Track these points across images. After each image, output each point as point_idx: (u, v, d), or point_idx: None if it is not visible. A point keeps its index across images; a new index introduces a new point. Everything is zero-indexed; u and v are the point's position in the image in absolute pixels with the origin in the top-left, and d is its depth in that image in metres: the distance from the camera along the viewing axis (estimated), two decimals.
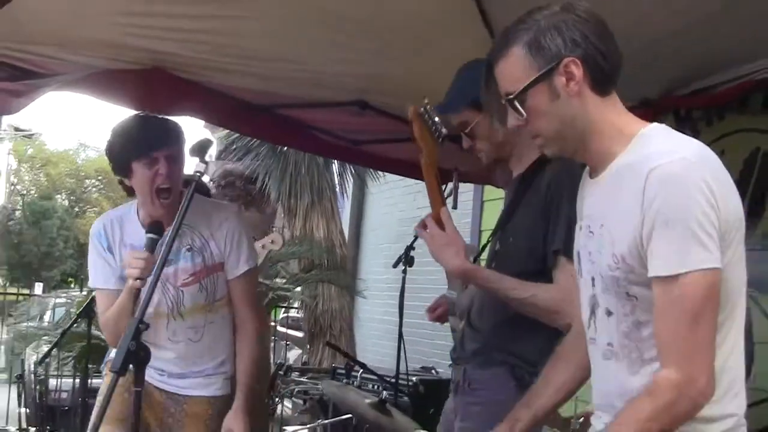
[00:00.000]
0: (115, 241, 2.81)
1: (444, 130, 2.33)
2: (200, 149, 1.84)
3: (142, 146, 2.66)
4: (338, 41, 3.14)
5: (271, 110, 3.81)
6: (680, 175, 1.49)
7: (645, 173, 1.51)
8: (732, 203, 1.54)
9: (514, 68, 1.64)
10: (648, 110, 3.59)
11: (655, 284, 1.51)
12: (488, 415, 2.04)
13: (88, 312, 4.03)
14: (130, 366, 1.76)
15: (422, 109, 2.32)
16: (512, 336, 2.37)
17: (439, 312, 2.85)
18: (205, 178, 7.95)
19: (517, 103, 1.64)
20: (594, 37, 1.62)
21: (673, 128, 4.27)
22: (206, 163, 1.84)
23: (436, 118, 2.32)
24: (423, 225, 2.37)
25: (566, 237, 2.24)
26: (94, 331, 5.14)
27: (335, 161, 7.76)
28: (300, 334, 10.49)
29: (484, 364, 2.43)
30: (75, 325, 4.40)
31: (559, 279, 2.28)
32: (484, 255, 2.78)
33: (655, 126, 1.66)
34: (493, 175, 3.00)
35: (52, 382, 8.56)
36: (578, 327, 1.87)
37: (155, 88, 3.34)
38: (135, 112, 3.04)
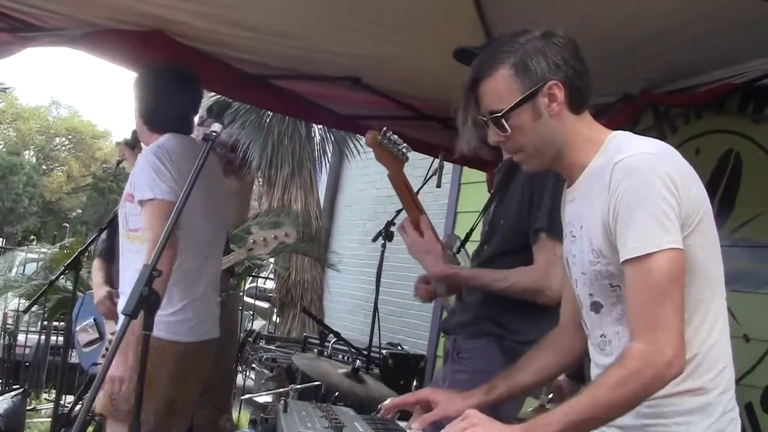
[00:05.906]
0: None
1: (408, 154, 2.50)
2: (219, 112, 1.95)
3: None
4: (335, 20, 3.21)
5: (266, 80, 3.87)
6: (641, 166, 1.63)
7: (611, 168, 1.65)
8: (693, 190, 1.67)
9: (500, 88, 1.75)
10: (630, 104, 3.70)
11: (625, 267, 1.64)
12: (474, 383, 2.13)
13: (76, 265, 4.04)
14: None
15: (380, 136, 2.45)
16: (500, 309, 2.49)
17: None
18: None
19: (503, 121, 1.75)
20: (572, 60, 1.76)
21: (652, 123, 4.32)
22: (223, 124, 1.95)
23: (398, 141, 2.47)
24: (402, 227, 2.56)
25: (549, 216, 2.37)
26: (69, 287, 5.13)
27: (316, 135, 7.80)
28: (266, 305, 10.50)
29: (472, 335, 2.56)
30: (61, 277, 4.42)
31: (537, 257, 2.41)
32: (474, 237, 2.90)
33: (620, 132, 1.80)
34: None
35: (20, 338, 8.45)
36: (565, 319, 2.00)
37: (153, 48, 3.38)
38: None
